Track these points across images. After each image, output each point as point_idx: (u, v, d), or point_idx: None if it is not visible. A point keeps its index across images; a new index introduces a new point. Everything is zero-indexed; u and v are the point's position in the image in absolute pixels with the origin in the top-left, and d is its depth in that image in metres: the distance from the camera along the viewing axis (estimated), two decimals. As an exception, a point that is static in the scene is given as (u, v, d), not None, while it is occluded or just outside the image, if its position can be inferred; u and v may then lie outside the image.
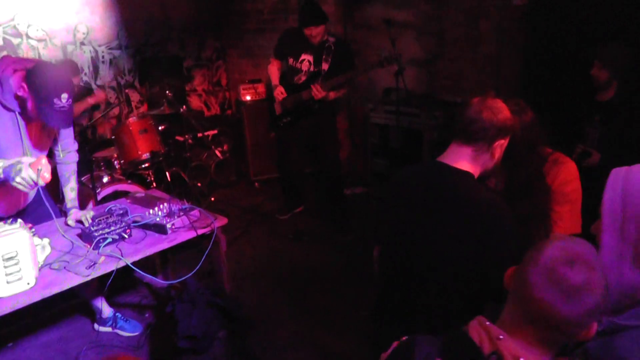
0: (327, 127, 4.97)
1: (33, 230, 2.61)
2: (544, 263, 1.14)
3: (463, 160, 1.91)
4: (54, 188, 3.39)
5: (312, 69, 4.72)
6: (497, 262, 1.79)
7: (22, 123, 2.61)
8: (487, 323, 1.23)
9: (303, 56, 4.73)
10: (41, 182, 2.37)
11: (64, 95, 2.41)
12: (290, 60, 4.81)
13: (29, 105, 2.47)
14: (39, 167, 2.35)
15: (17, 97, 2.50)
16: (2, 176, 2.40)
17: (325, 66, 4.67)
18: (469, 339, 1.23)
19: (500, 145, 1.91)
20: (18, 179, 2.35)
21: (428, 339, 1.32)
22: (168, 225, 2.86)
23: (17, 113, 2.56)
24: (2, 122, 2.53)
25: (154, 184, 4.81)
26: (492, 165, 1.95)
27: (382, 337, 1.24)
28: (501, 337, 1.17)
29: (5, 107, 2.52)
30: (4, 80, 2.47)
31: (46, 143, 2.87)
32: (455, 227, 1.82)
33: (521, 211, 2.12)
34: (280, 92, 4.84)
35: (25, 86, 2.43)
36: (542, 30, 4.46)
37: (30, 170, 2.34)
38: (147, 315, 3.80)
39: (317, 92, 4.54)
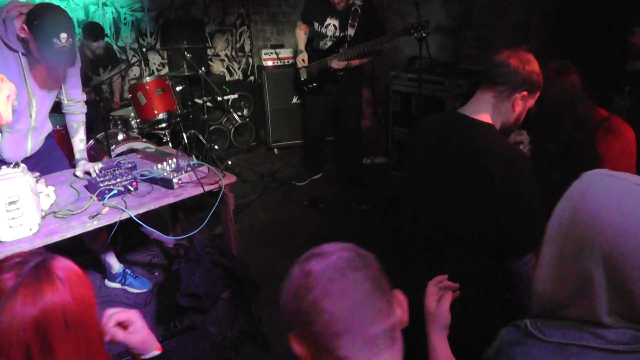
0: (352, 96, 4.88)
1: (37, 175, 2.59)
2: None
3: (484, 110, 1.90)
4: (67, 144, 3.37)
5: (337, 33, 4.60)
6: (513, 213, 1.80)
7: (25, 64, 2.61)
8: None
9: (328, 20, 4.62)
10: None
11: (63, 35, 2.40)
12: (316, 25, 4.70)
13: (31, 46, 2.46)
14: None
15: (19, 38, 2.51)
16: None
17: (350, 31, 4.55)
18: None
19: (523, 97, 1.87)
20: None
21: None
22: (175, 180, 2.80)
23: (20, 54, 2.57)
24: (6, 62, 2.54)
25: (170, 145, 4.78)
26: (512, 119, 1.92)
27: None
28: None
29: (9, 48, 2.53)
30: (8, 21, 2.48)
31: (52, 87, 2.85)
32: (473, 177, 1.82)
33: (553, 178, 2.05)
34: (302, 60, 4.80)
35: (25, 27, 2.42)
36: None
37: None
38: (156, 273, 3.80)
39: (338, 64, 4.52)
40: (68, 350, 1.11)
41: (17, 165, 2.39)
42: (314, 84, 4.86)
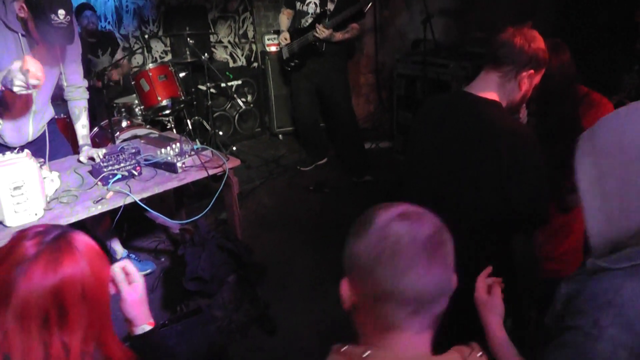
0: (336, 74, 4.91)
1: (41, 161, 2.59)
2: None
3: (489, 89, 1.87)
4: (72, 133, 3.36)
5: (318, 10, 4.69)
6: (520, 190, 1.78)
7: (25, 45, 2.60)
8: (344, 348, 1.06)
9: None
10: (34, 82, 2.31)
11: (61, 12, 2.39)
12: (298, 5, 4.80)
13: (30, 25, 2.46)
14: (27, 68, 2.29)
15: (19, 19, 2.51)
16: (2, 88, 2.39)
17: (330, 6, 4.63)
18: None
19: (529, 76, 1.83)
20: (16, 88, 2.32)
21: None
22: (178, 164, 2.80)
23: (19, 35, 2.57)
24: (5, 43, 2.54)
25: (175, 131, 4.77)
26: (518, 97, 1.89)
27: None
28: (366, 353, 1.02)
29: (9, 28, 2.54)
30: (7, 2, 2.49)
31: (52, 70, 2.84)
32: (479, 154, 1.80)
33: (556, 157, 2.02)
34: (284, 38, 4.91)
35: (24, 6, 2.42)
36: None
37: (19, 74, 2.29)
38: (162, 259, 3.80)
39: (321, 31, 4.52)
40: (82, 322, 1.12)
41: (21, 150, 2.39)
42: (296, 61, 4.94)
